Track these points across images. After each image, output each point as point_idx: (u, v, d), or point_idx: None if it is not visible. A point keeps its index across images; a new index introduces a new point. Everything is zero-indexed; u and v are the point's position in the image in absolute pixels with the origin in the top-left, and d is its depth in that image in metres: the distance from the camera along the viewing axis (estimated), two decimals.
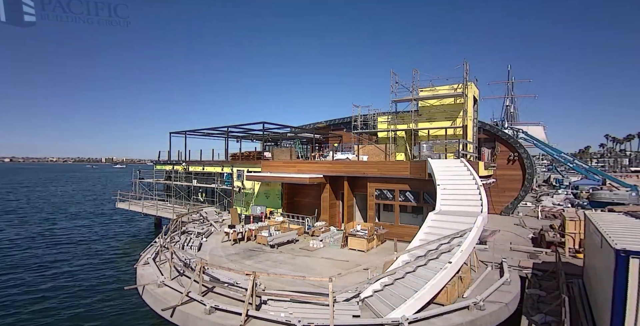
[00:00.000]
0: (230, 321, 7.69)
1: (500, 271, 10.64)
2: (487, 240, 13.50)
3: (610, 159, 68.04)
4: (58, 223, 29.13)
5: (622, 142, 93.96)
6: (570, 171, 46.55)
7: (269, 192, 20.20)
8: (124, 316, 11.95)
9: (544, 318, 7.80)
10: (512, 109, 53.77)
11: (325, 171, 17.38)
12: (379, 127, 21.45)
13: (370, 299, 8.48)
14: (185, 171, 25.11)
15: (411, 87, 19.13)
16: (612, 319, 6.03)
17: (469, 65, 17.74)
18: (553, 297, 8.89)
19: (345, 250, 13.65)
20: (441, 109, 19.00)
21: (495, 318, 8.29)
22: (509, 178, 21.38)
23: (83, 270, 16.77)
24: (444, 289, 8.31)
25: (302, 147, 31.27)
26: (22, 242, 22.12)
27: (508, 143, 21.96)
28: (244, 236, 15.02)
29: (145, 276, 10.58)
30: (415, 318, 7.50)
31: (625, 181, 29.26)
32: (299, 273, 10.69)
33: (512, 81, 54.34)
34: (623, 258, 5.86)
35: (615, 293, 5.97)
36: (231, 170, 21.95)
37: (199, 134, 27.48)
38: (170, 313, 8.49)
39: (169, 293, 9.31)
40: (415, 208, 15.06)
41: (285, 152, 23.04)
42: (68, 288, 14.38)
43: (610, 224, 7.98)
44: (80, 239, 23.30)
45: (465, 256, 9.07)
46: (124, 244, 22.35)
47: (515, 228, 17.61)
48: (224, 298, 8.80)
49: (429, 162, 13.73)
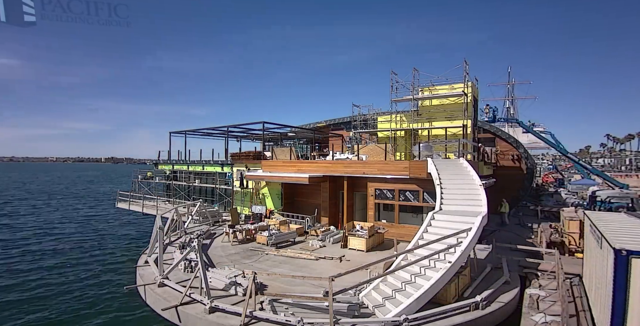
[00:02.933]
0: (230, 321, 7.70)
1: (500, 270, 10.65)
2: (487, 240, 13.50)
3: (612, 159, 68.03)
4: (57, 222, 29.15)
5: (623, 142, 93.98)
6: (571, 171, 46.55)
7: (269, 192, 20.20)
8: (124, 317, 11.95)
9: (543, 318, 7.80)
10: (512, 110, 53.81)
11: (325, 170, 17.39)
12: (379, 127, 21.44)
13: (370, 299, 8.49)
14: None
15: (411, 87, 19.12)
16: (612, 319, 6.04)
17: (468, 65, 17.73)
18: (553, 297, 8.91)
19: (345, 250, 13.65)
20: (441, 109, 18.99)
21: (495, 317, 8.30)
22: (509, 177, 21.38)
23: (83, 270, 16.77)
24: (444, 289, 8.32)
25: (302, 147, 31.28)
26: (22, 242, 22.15)
27: (508, 143, 21.96)
28: (244, 236, 15.03)
29: (146, 276, 10.59)
30: (415, 318, 7.50)
31: (625, 181, 29.24)
32: (299, 273, 10.71)
33: (512, 82, 54.39)
34: (623, 258, 5.86)
35: (615, 293, 5.97)
36: (231, 170, 21.94)
37: (199, 134, 27.49)
38: (170, 313, 8.50)
39: (169, 293, 9.31)
40: (415, 208, 15.06)
41: (285, 152, 23.04)
42: (67, 288, 14.38)
43: (610, 224, 7.98)
44: (80, 239, 23.31)
45: (465, 256, 9.08)
46: (123, 244, 22.36)
47: (515, 228, 17.63)
48: (224, 298, 8.81)
49: (428, 161, 13.73)
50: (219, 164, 22.96)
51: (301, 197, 19.37)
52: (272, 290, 9.16)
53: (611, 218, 9.36)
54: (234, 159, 22.64)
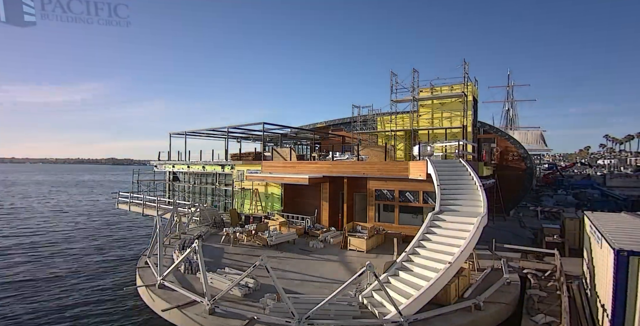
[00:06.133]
0: (231, 323, 7.68)
1: (500, 271, 10.64)
2: (487, 240, 13.49)
3: (612, 160, 68.14)
4: (58, 223, 29.12)
5: (622, 142, 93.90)
6: (574, 171, 46.56)
7: (269, 192, 20.19)
8: (124, 317, 11.95)
9: (544, 318, 7.80)
10: (512, 113, 53.91)
11: (325, 171, 17.38)
12: (379, 127, 21.45)
13: (370, 299, 8.48)
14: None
15: (411, 88, 19.13)
16: (612, 319, 6.04)
17: (468, 66, 17.77)
18: (553, 298, 8.91)
19: (345, 250, 13.65)
20: (441, 110, 19.00)
21: (495, 318, 8.29)
22: (508, 177, 21.37)
23: (83, 271, 16.77)
24: (444, 289, 8.31)
25: (302, 148, 31.27)
26: (23, 240, 22.12)
27: (509, 143, 21.97)
28: (244, 237, 15.01)
29: (145, 277, 10.56)
30: (415, 318, 7.50)
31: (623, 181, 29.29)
32: (299, 274, 10.71)
33: (512, 85, 54.50)
34: (623, 258, 5.86)
35: (615, 293, 5.97)
36: (231, 170, 21.93)
37: (199, 134, 27.48)
38: (170, 314, 8.48)
39: (169, 294, 9.29)
40: (415, 208, 15.07)
41: (285, 152, 23.04)
42: (68, 289, 14.38)
43: (610, 225, 7.99)
44: (79, 239, 23.30)
45: (465, 256, 9.08)
46: (123, 244, 22.36)
47: (515, 228, 17.62)
48: (224, 299, 8.79)
49: (428, 162, 13.73)
50: (219, 165, 22.96)
51: (301, 197, 19.35)
52: (272, 291, 9.14)
53: (611, 218, 9.37)
54: (234, 160, 22.63)
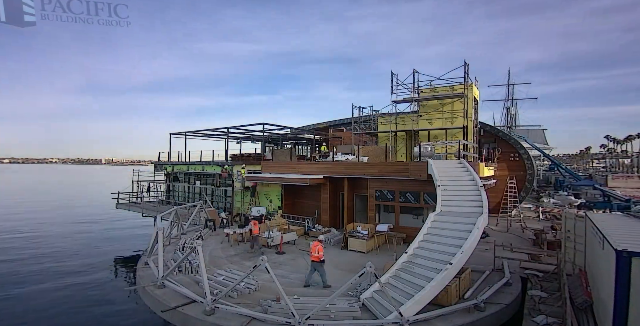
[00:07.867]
0: (231, 323, 7.66)
1: (501, 272, 10.61)
2: (487, 241, 13.47)
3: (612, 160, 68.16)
4: (57, 224, 29.11)
5: (623, 142, 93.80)
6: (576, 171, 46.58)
7: (269, 193, 20.16)
8: (123, 317, 11.92)
9: (545, 319, 7.76)
10: (512, 112, 53.78)
11: (325, 172, 17.36)
12: (380, 128, 21.42)
13: (370, 300, 8.45)
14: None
15: (411, 88, 19.11)
16: (614, 320, 6.00)
17: (469, 66, 17.75)
18: (554, 298, 8.87)
19: (346, 251, 13.62)
20: (441, 110, 18.98)
21: (496, 319, 8.26)
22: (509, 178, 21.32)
23: (82, 271, 16.74)
24: (445, 290, 8.28)
25: (302, 148, 31.26)
26: (22, 241, 22.10)
27: (509, 144, 21.93)
28: (244, 238, 14.99)
29: (145, 278, 10.55)
30: (415, 319, 7.47)
31: (626, 181, 29.26)
32: (299, 274, 10.68)
33: (512, 83, 54.38)
34: (625, 259, 5.83)
35: (616, 294, 5.94)
36: (231, 171, 21.91)
37: (199, 135, 27.47)
38: (170, 315, 8.46)
39: (169, 294, 9.27)
40: (415, 209, 15.03)
41: (285, 153, 23.03)
42: (67, 289, 14.35)
43: (611, 225, 7.96)
44: (79, 240, 23.28)
45: (465, 257, 9.03)
46: (123, 245, 22.33)
47: (515, 229, 17.59)
48: (224, 299, 8.77)
49: (429, 163, 13.70)
50: (219, 165, 22.94)
51: (301, 198, 19.33)
52: (272, 291, 9.12)
53: (612, 219, 9.34)
54: (234, 160, 22.62)
